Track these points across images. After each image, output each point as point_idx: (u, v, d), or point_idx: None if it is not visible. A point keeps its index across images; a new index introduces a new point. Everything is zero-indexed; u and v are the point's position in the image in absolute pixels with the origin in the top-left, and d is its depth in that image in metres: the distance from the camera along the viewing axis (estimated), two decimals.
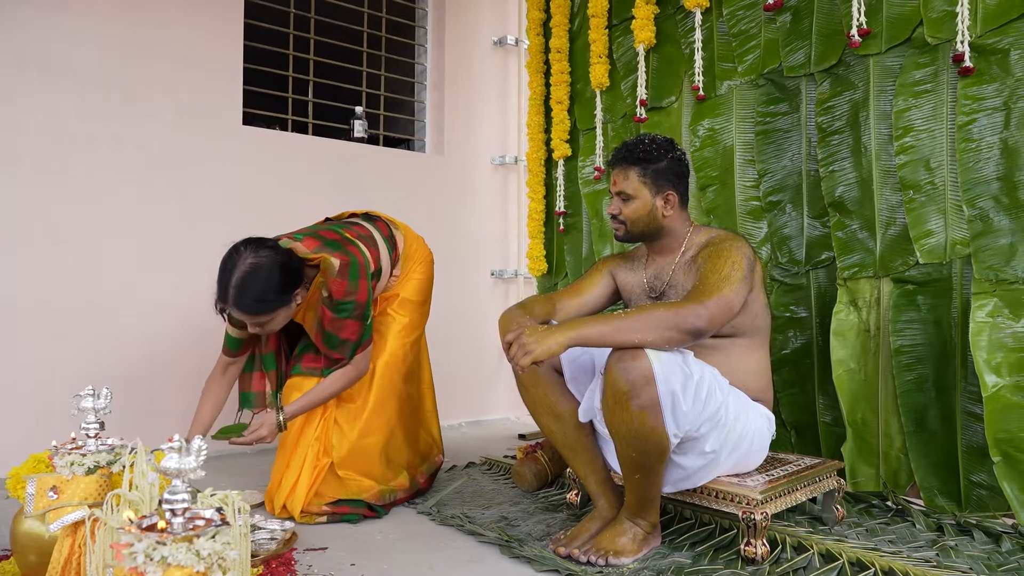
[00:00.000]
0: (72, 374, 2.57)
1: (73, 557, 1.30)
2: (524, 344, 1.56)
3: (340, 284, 2.00)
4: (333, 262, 2.00)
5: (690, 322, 1.57)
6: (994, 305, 1.95)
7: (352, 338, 2.05)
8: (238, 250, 1.93)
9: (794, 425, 2.47)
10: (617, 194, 1.89)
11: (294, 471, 2.05)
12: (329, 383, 2.07)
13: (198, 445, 1.01)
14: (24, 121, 2.57)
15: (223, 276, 1.90)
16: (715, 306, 1.61)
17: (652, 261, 1.94)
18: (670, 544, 1.77)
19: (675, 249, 1.89)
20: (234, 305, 1.89)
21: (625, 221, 1.88)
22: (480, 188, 3.81)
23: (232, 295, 1.88)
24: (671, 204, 1.86)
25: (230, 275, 1.89)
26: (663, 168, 1.85)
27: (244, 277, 1.87)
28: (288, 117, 3.35)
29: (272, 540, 1.75)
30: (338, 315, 2.02)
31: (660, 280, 1.89)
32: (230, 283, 1.88)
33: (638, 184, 1.85)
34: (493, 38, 3.89)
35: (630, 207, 1.87)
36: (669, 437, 1.57)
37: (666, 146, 1.88)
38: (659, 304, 1.63)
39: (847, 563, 1.60)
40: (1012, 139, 1.95)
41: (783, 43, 2.48)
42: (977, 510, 2.00)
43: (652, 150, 1.86)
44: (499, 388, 3.81)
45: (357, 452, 2.10)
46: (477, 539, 1.85)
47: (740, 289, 1.67)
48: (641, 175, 1.85)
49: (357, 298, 2.03)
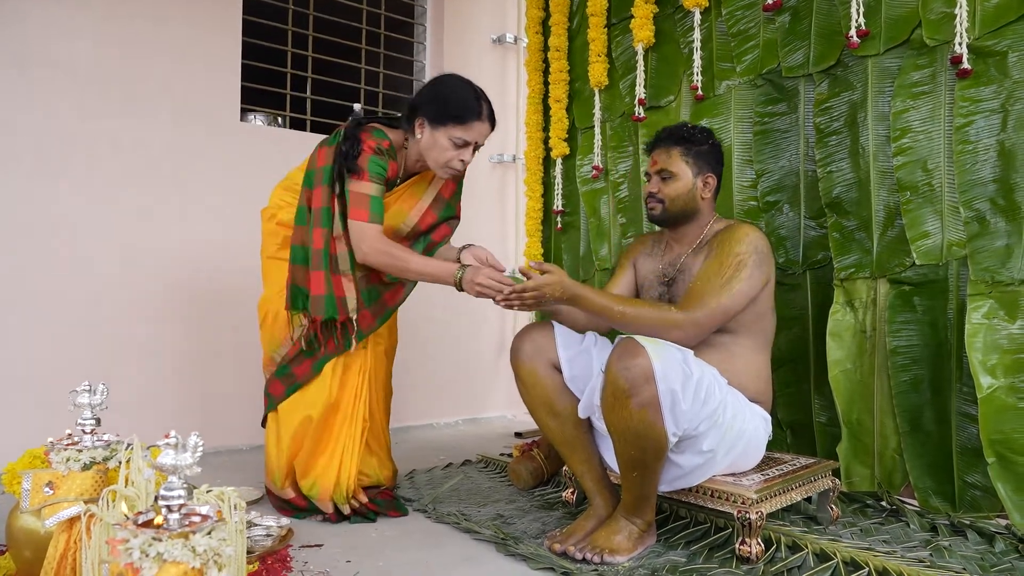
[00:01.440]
0: (68, 370, 2.57)
1: (69, 553, 1.30)
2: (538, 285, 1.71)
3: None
4: None
5: (675, 336, 1.69)
6: (990, 307, 1.96)
7: (459, 215, 2.26)
8: (449, 75, 1.99)
9: (790, 425, 2.48)
10: (657, 173, 1.92)
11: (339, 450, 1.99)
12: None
13: (194, 441, 1.01)
14: (22, 118, 2.56)
15: (473, 91, 1.94)
16: (705, 320, 1.72)
17: (670, 248, 1.97)
18: (665, 543, 1.77)
19: (695, 239, 1.91)
20: (489, 117, 1.94)
21: (664, 199, 1.90)
22: (478, 186, 3.80)
23: (488, 107, 1.94)
24: (709, 187, 1.90)
25: (478, 89, 1.94)
26: (705, 151, 1.90)
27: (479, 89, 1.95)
28: (287, 114, 3.34)
29: (268, 537, 1.75)
30: (459, 188, 2.17)
31: (673, 267, 1.93)
32: (482, 96, 1.94)
33: (681, 163, 1.89)
34: (492, 36, 3.88)
35: (670, 185, 1.89)
36: (668, 436, 1.58)
37: (708, 132, 1.94)
38: (659, 306, 1.74)
39: (841, 563, 1.61)
40: (1009, 141, 1.95)
41: (782, 43, 2.48)
42: (971, 511, 2.01)
43: (695, 133, 1.91)
44: (496, 386, 3.82)
45: (381, 428, 2.14)
46: (473, 537, 1.86)
47: (743, 290, 1.73)
48: (684, 154, 1.89)
49: None
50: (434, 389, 3.53)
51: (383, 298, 2.07)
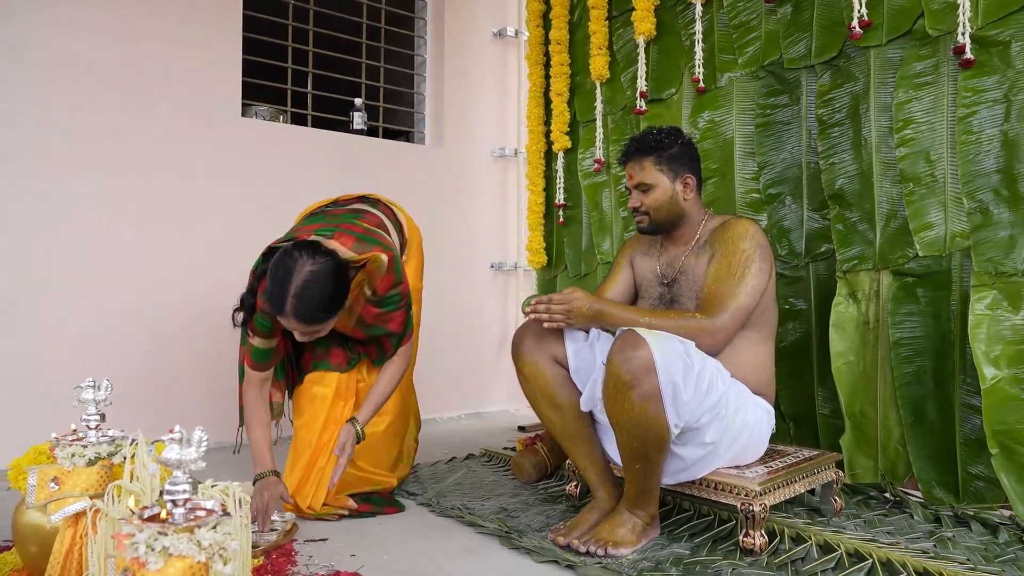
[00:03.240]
0: (72, 365, 2.57)
1: (74, 548, 1.31)
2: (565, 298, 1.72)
3: (388, 279, 1.94)
4: (383, 259, 1.90)
5: (705, 343, 1.69)
6: (993, 298, 1.95)
7: (399, 329, 2.03)
8: (292, 256, 1.77)
9: (793, 417, 2.48)
10: (635, 187, 1.91)
11: (319, 470, 2.00)
12: (387, 381, 2.05)
13: (199, 436, 1.01)
14: (22, 112, 2.56)
15: (279, 284, 1.75)
16: (731, 323, 1.73)
17: (666, 250, 1.97)
18: (669, 535, 1.78)
19: (690, 238, 1.91)
20: (293, 314, 1.75)
21: (649, 211, 1.90)
22: (479, 180, 3.80)
23: (292, 305, 1.74)
24: (690, 187, 1.90)
25: (287, 283, 1.74)
26: (676, 153, 1.89)
27: (305, 286, 1.74)
28: (287, 109, 3.34)
29: (273, 531, 1.76)
30: (385, 308, 1.98)
31: (672, 268, 1.92)
32: (288, 292, 1.73)
33: (655, 173, 1.88)
34: (493, 29, 3.87)
35: (651, 196, 1.89)
36: (670, 427, 1.58)
37: (675, 133, 1.92)
38: (683, 314, 1.74)
39: (845, 554, 1.61)
40: (1012, 131, 1.94)
41: (783, 35, 2.47)
42: (975, 502, 2.01)
43: (662, 138, 1.89)
44: (499, 380, 3.82)
45: (372, 443, 2.10)
46: (476, 530, 1.86)
47: (756, 287, 1.75)
48: (657, 163, 1.88)
49: (402, 288, 1.99)
50: (437, 384, 3.53)
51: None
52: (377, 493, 2.10)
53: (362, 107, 3.60)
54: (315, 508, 1.96)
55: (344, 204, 2.26)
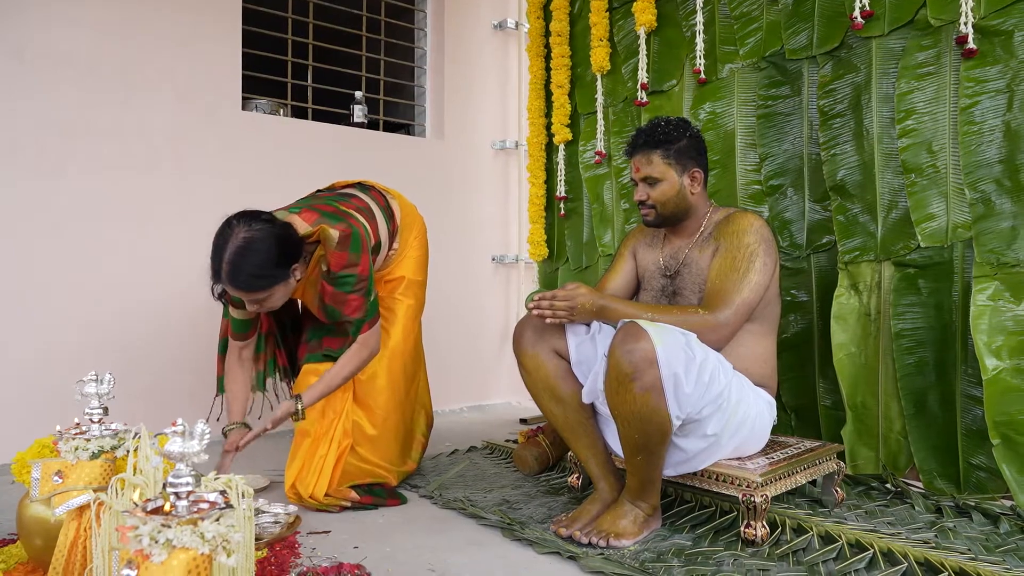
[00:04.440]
0: (75, 359, 2.58)
1: (79, 541, 1.31)
2: (568, 295, 1.70)
3: (340, 256, 1.91)
4: (332, 233, 1.90)
5: (709, 339, 1.69)
6: (995, 288, 1.95)
7: (356, 315, 1.98)
8: (230, 224, 1.80)
9: (794, 408, 2.48)
10: (642, 180, 1.89)
11: (320, 458, 2.01)
12: (340, 367, 2.00)
13: (201, 429, 1.02)
14: (22, 108, 2.56)
15: (216, 252, 1.78)
16: (735, 319, 1.72)
17: (669, 241, 1.96)
18: (671, 526, 1.78)
19: (694, 231, 1.91)
20: (229, 282, 1.77)
21: (655, 205, 1.89)
22: (480, 173, 3.80)
23: (226, 271, 1.76)
24: (698, 181, 1.89)
25: (223, 251, 1.76)
26: (684, 147, 1.87)
27: (238, 252, 1.75)
28: (288, 102, 3.33)
29: (276, 523, 1.76)
30: (339, 289, 1.94)
31: (675, 260, 1.91)
32: (223, 259, 1.75)
33: (663, 166, 1.86)
34: (493, 21, 3.86)
35: (658, 190, 1.87)
36: (671, 419, 1.58)
37: (683, 125, 1.90)
38: (687, 310, 1.73)
39: (846, 545, 1.62)
40: (1015, 122, 1.94)
41: (785, 25, 2.46)
42: (976, 492, 2.01)
43: (670, 131, 1.87)
44: (500, 373, 3.82)
45: (377, 436, 2.10)
46: (479, 522, 1.87)
47: (761, 282, 1.74)
48: (664, 156, 1.86)
49: (359, 271, 1.94)
50: (438, 376, 3.52)
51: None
52: (380, 485, 2.10)
53: (362, 100, 3.59)
54: (317, 497, 1.97)
55: (339, 189, 2.25)
